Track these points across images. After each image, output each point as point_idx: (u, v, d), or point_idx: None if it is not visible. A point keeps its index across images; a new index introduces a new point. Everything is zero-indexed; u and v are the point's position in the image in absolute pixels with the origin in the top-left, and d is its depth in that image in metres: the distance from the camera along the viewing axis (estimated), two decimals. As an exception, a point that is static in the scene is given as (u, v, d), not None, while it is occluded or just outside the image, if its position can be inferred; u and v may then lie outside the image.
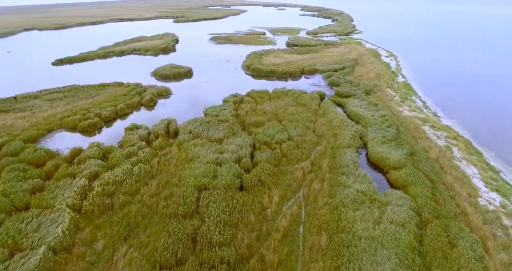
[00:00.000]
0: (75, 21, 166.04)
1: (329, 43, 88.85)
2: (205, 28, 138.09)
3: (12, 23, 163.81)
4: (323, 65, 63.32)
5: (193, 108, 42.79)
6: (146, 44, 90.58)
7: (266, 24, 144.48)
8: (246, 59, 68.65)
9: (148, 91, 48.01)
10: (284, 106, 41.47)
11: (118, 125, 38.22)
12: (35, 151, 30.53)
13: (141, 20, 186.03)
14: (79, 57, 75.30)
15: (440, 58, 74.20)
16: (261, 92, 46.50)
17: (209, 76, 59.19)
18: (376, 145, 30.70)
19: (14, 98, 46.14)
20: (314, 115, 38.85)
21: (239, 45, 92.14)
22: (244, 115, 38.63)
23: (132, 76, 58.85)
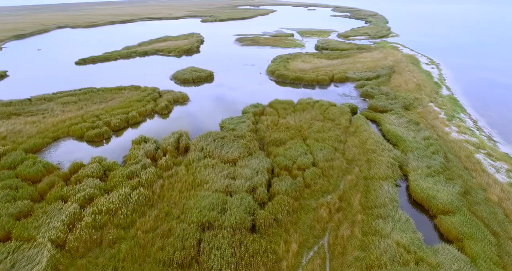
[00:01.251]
0: (106, 20, 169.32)
1: (362, 47, 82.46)
2: (232, 28, 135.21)
3: (47, 21, 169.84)
4: (355, 72, 57.68)
5: (209, 118, 39.15)
6: (169, 44, 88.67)
7: (294, 25, 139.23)
8: (271, 64, 64.33)
9: (164, 97, 45.03)
10: (310, 120, 36.78)
11: (127, 136, 35.29)
12: (33, 164, 28.06)
13: (170, 19, 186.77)
14: (102, 57, 74.40)
15: (491, 67, 65.86)
16: (285, 103, 42.02)
17: (230, 81, 55.50)
18: (419, 177, 25.37)
19: (29, 100, 44.80)
20: (344, 134, 33.86)
21: (265, 47, 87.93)
22: (263, 130, 34.39)
23: (151, 79, 56.41)
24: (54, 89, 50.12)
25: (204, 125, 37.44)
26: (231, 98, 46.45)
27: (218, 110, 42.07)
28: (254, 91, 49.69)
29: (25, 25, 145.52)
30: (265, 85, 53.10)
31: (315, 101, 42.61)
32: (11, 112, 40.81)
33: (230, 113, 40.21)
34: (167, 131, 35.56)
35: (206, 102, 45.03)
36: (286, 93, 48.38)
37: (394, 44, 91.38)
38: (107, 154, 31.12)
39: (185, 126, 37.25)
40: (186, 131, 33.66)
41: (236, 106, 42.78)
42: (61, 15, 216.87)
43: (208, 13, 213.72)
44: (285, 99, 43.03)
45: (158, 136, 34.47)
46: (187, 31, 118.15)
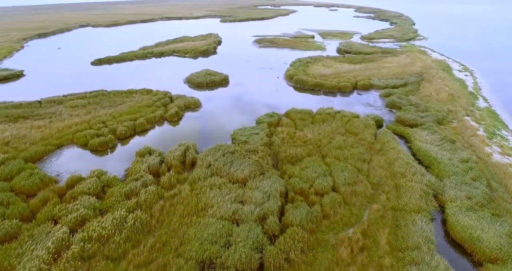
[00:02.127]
0: (127, 19, 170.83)
1: (387, 51, 77.66)
2: (251, 28, 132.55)
3: (70, 19, 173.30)
4: (380, 79, 53.51)
5: (221, 128, 36.49)
6: (186, 45, 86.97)
7: (315, 26, 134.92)
8: (290, 68, 61.04)
9: (175, 103, 42.78)
10: (330, 134, 33.36)
11: (133, 145, 33.15)
12: (30, 175, 26.27)
13: (190, 19, 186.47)
14: (118, 58, 73.48)
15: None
16: (303, 113, 38.76)
17: (246, 86, 52.71)
18: (459, 211, 21.58)
19: (39, 103, 43.73)
20: (369, 151, 30.26)
21: (284, 49, 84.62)
22: (278, 144, 31.29)
23: (164, 82, 54.49)
24: (66, 90, 49.04)
25: (215, 135, 34.79)
26: (245, 106, 43.62)
27: (230, 118, 39.35)
28: (271, 98, 46.65)
29: (49, 24, 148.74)
30: (283, 91, 49.93)
31: (336, 111, 39.08)
32: (20, 115, 39.72)
33: (243, 123, 37.39)
34: (174, 141, 33.19)
35: (219, 109, 42.41)
36: (304, 101, 45.03)
37: (421, 48, 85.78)
38: (109, 166, 29.03)
39: (194, 136, 34.76)
40: (194, 143, 31.07)
41: (250, 115, 39.92)
42: (84, 14, 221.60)
43: (228, 13, 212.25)
44: (303, 109, 39.73)
45: (164, 146, 32.13)
46: (205, 31, 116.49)
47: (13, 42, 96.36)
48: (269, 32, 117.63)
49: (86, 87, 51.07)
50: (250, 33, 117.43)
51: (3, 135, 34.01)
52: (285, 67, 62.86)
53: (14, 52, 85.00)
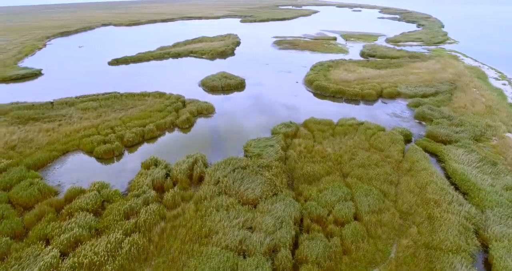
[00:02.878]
0: (148, 18, 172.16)
1: (415, 55, 72.96)
2: (271, 29, 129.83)
3: (93, 18, 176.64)
4: (408, 86, 49.56)
5: (233, 137, 34.13)
6: (204, 46, 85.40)
7: (338, 28, 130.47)
8: (310, 72, 57.97)
9: (187, 108, 40.83)
10: (352, 149, 30.28)
11: (139, 154, 31.35)
12: (29, 185, 24.85)
13: (210, 18, 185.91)
14: (135, 58, 72.77)
15: None
16: (323, 123, 35.79)
17: (263, 91, 50.17)
18: (507, 254, 18.16)
19: (51, 104, 42.95)
20: (396, 171, 27.02)
21: (305, 52, 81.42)
22: (295, 159, 28.56)
23: (178, 84, 52.87)
24: (81, 91, 48.22)
25: (227, 145, 32.47)
26: (261, 113, 41.08)
27: (244, 126, 36.94)
28: (288, 104, 43.88)
29: (73, 22, 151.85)
30: (301, 97, 47.01)
31: (359, 123, 35.85)
32: (30, 116, 38.92)
33: (258, 132, 34.90)
34: (183, 150, 31.15)
35: (233, 116, 40.09)
36: (324, 109, 41.97)
37: (452, 52, 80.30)
38: (113, 176, 27.30)
39: (205, 145, 32.59)
40: (203, 155, 28.82)
41: (266, 123, 37.36)
42: (107, 13, 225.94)
43: (248, 12, 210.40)
44: (322, 119, 36.76)
45: (172, 156, 30.12)
46: (225, 31, 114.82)
47: (37, 41, 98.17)
48: (289, 33, 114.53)
49: (100, 88, 50.13)
50: (270, 34, 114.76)
51: (11, 138, 33.10)
52: (305, 71, 59.83)
53: (36, 51, 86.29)
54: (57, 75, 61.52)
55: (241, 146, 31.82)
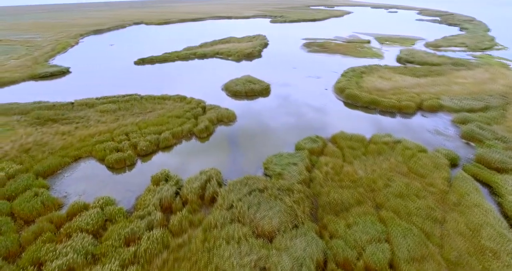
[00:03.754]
0: (178, 17, 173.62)
1: (458, 62, 66.35)
2: (301, 30, 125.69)
3: (126, 17, 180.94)
4: (452, 99, 44.24)
5: (253, 150, 31.26)
6: (231, 47, 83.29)
7: (372, 30, 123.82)
8: (340, 78, 53.87)
9: (206, 115, 38.50)
10: (388, 172, 26.41)
11: (152, 164, 29.30)
12: (34, 196, 23.46)
13: (240, 18, 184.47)
14: (161, 58, 71.98)
15: None
16: (354, 139, 32.02)
17: (289, 98, 46.91)
18: None
19: (71, 104, 42.32)
20: (441, 205, 22.89)
21: (336, 55, 76.92)
22: (320, 182, 25.19)
23: (201, 87, 50.88)
24: (103, 91, 47.64)
25: (245, 160, 29.66)
26: (285, 123, 37.89)
27: (266, 138, 33.96)
28: (315, 115, 40.32)
29: (106, 20, 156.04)
30: (331, 107, 43.21)
31: (396, 141, 31.70)
32: (50, 117, 38.33)
33: (280, 146, 31.79)
34: (198, 162, 28.80)
35: (254, 126, 37.23)
36: (356, 122, 38.01)
37: (502, 60, 72.48)
38: (121, 190, 25.37)
39: (221, 158, 29.96)
40: (217, 171, 26.20)
41: (289, 136, 34.15)
42: (139, 12, 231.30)
43: (279, 13, 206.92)
44: (353, 134, 32.94)
45: (186, 168, 27.88)
46: (253, 32, 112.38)
47: (70, 38, 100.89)
48: (320, 35, 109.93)
49: (122, 89, 49.30)
50: (299, 35, 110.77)
51: (26, 141, 32.34)
52: (335, 77, 55.75)
53: (68, 48, 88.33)
54: (83, 74, 61.79)
55: (261, 161, 28.90)
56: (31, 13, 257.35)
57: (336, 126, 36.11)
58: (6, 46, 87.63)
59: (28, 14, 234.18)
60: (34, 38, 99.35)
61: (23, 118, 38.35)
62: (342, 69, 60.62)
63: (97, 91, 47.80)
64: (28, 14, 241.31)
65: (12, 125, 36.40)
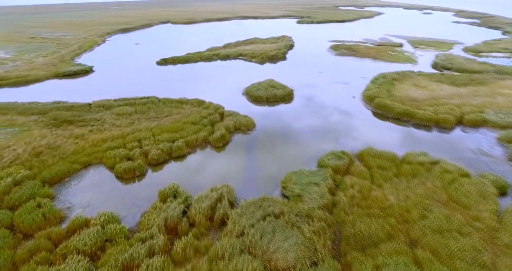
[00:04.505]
0: (204, 17, 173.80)
1: (503, 70, 60.28)
2: (329, 32, 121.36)
3: (153, 16, 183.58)
4: (497, 112, 39.44)
5: (271, 165, 28.69)
6: (255, 48, 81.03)
7: (405, 32, 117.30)
8: (370, 85, 50.06)
9: (224, 122, 36.38)
10: (424, 200, 22.99)
11: (162, 176, 27.50)
12: (36, 207, 22.23)
13: (266, 18, 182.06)
14: (183, 58, 70.97)
15: None
16: (384, 157, 28.65)
17: (312, 106, 43.90)
18: None
19: (89, 105, 41.67)
20: (490, 246, 19.28)
21: (365, 59, 72.63)
22: (345, 208, 22.22)
23: (221, 91, 48.99)
24: (122, 92, 46.89)
25: (261, 175, 27.17)
26: (307, 134, 35.00)
27: (286, 151, 31.28)
28: (341, 126, 37.10)
29: (133, 19, 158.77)
30: (358, 117, 39.77)
31: (433, 161, 28.01)
32: (66, 118, 37.75)
33: (301, 161, 29.05)
34: (211, 176, 26.73)
35: (274, 136, 34.65)
36: (386, 136, 34.46)
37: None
38: (127, 203, 23.69)
39: (236, 172, 27.65)
40: (230, 189, 23.89)
41: (312, 149, 31.29)
42: (167, 11, 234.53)
43: (306, 13, 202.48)
44: (384, 151, 29.57)
45: (197, 183, 25.84)
46: (279, 33, 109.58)
47: (98, 36, 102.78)
48: (348, 37, 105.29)
49: (141, 90, 48.46)
50: (327, 37, 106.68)
51: (39, 143, 31.63)
52: (364, 84, 51.95)
53: (95, 46, 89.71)
54: (105, 73, 61.81)
55: (279, 177, 26.31)
56: (65, 11, 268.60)
57: (364, 140, 32.81)
58: (38, 44, 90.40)
59: (62, 13, 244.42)
60: (64, 36, 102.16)
61: (40, 118, 38.01)
62: (372, 75, 56.62)
63: (117, 92, 47.19)
64: (61, 12, 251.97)
65: (28, 126, 36.07)
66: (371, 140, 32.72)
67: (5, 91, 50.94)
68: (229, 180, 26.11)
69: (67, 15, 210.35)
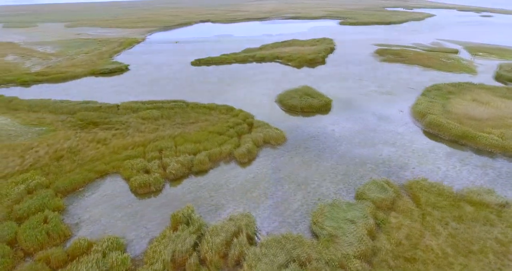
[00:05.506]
0: (245, 16, 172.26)
1: None
2: (373, 34, 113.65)
3: (193, 15, 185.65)
4: None
5: (300, 189, 25.01)
6: (293, 50, 77.03)
7: (460, 37, 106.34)
8: (420, 98, 44.12)
9: (252, 134, 33.22)
10: (495, 259, 18.08)
11: (180, 193, 24.97)
12: (42, 222, 20.68)
13: (306, 19, 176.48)
14: (218, 59, 69.10)
15: None
16: (438, 192, 23.71)
17: (352, 119, 39.29)
18: None
19: (117, 107, 40.72)
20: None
21: (414, 67, 65.68)
22: (388, 260, 17.99)
23: (253, 97, 46.06)
24: (153, 93, 45.86)
25: (289, 202, 23.62)
26: (346, 155, 30.66)
27: (318, 173, 27.34)
28: (385, 148, 32.15)
29: (174, 18, 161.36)
30: (406, 138, 34.47)
31: (502, 203, 22.61)
32: (92, 120, 36.96)
33: (337, 188, 25.06)
34: (231, 199, 23.73)
35: (307, 153, 30.82)
36: (441, 164, 29.07)
37: None
38: (137, 224, 21.48)
39: (259, 196, 24.32)
40: (250, 220, 20.65)
41: (350, 174, 27.10)
42: (208, 9, 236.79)
43: (349, 14, 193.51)
44: (439, 184, 24.61)
45: (214, 206, 23.02)
46: (320, 34, 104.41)
47: (139, 34, 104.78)
48: (396, 41, 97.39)
49: (172, 91, 47.11)
50: (372, 40, 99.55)
51: (62, 146, 30.76)
52: (414, 96, 46.07)
53: (135, 44, 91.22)
54: (140, 72, 61.63)
55: (309, 207, 22.69)
56: (115, 9, 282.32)
57: (413, 167, 27.90)
58: (82, 41, 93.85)
59: (111, 10, 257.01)
60: (107, 34, 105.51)
61: (68, 118, 37.55)
62: (423, 85, 50.40)
63: (147, 92, 46.27)
64: (111, 10, 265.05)
65: (56, 126, 35.63)
66: (422, 168, 27.73)
67: (44, 87, 52.18)
68: (250, 204, 23.00)
69: (113, 12, 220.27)
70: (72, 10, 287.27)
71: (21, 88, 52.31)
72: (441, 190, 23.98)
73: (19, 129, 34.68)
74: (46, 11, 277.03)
